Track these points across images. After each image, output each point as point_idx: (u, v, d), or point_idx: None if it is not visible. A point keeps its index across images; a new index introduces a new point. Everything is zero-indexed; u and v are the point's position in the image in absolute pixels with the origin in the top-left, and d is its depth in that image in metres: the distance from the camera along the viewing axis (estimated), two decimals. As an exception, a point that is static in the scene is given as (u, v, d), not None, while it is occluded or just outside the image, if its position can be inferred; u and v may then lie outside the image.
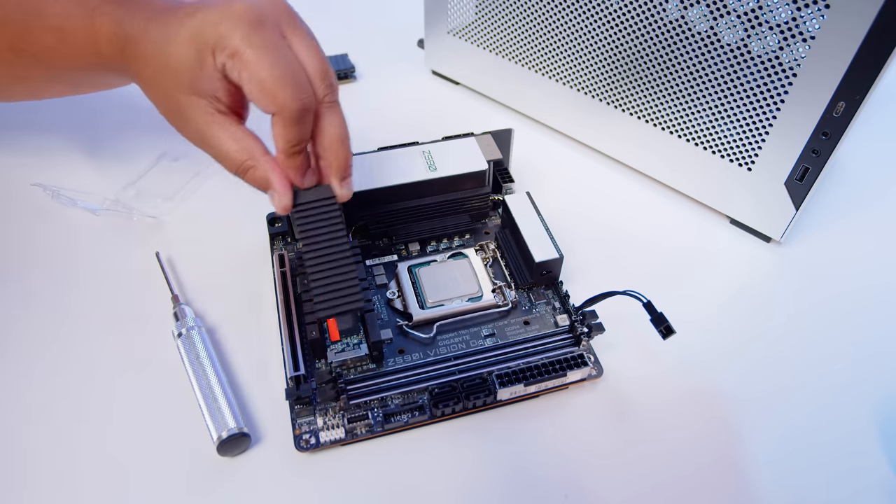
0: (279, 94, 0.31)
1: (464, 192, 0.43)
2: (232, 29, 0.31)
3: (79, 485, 0.32)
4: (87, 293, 0.41)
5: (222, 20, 0.31)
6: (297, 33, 0.33)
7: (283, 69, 0.31)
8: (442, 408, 0.34)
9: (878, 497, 0.33)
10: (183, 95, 0.33)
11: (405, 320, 0.38)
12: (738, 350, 0.39)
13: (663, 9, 0.41)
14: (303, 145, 0.34)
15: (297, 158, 0.34)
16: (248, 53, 0.31)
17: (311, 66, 0.33)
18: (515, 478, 0.33)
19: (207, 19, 0.31)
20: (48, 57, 0.37)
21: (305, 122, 0.32)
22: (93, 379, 0.36)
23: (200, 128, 0.33)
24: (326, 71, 0.33)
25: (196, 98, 0.33)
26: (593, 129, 0.51)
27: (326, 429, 0.34)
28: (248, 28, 0.31)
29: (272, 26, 0.32)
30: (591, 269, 0.43)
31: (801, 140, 0.39)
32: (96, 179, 0.48)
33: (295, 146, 0.33)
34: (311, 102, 0.32)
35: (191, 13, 0.32)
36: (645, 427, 0.35)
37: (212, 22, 0.31)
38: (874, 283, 0.43)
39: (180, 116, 0.34)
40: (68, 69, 0.38)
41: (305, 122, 0.32)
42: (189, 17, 0.32)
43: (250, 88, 0.31)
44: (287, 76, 0.31)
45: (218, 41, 0.31)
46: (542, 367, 0.35)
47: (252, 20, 0.31)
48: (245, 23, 0.31)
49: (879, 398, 0.37)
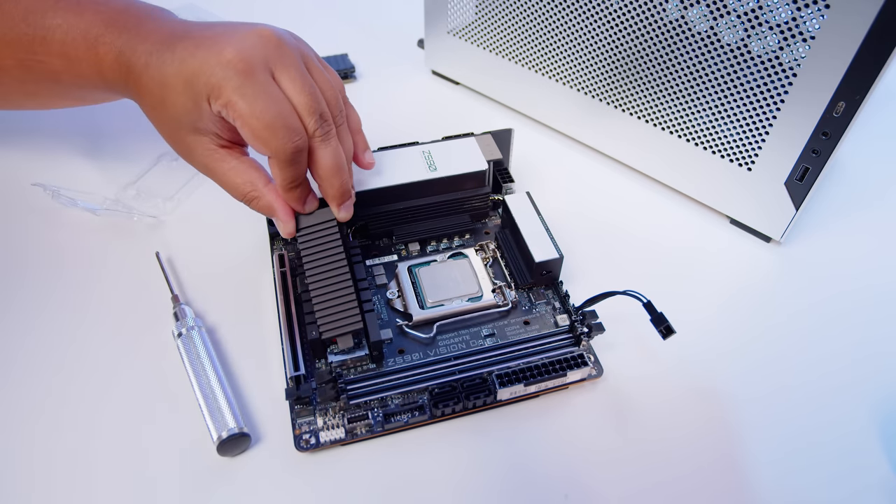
0: (270, 140, 0.32)
1: (464, 192, 0.43)
2: (223, 80, 0.32)
3: (78, 484, 0.32)
4: (87, 293, 0.41)
5: (214, 70, 0.32)
6: (286, 72, 0.34)
7: (273, 116, 0.32)
8: (442, 408, 0.34)
9: (878, 497, 0.33)
10: (185, 133, 0.35)
11: (405, 320, 0.38)
12: (738, 350, 0.39)
13: (663, 9, 0.41)
14: (299, 181, 0.35)
15: (295, 192, 0.36)
16: (240, 104, 0.32)
17: (300, 104, 0.34)
18: (516, 477, 0.33)
19: (200, 68, 0.32)
20: (56, 76, 0.38)
21: (298, 161, 0.34)
22: (93, 378, 0.36)
23: (204, 162, 0.35)
24: (315, 106, 0.34)
25: (198, 136, 0.34)
26: (593, 129, 0.51)
27: (326, 429, 0.34)
28: (239, 78, 0.32)
29: (262, 70, 0.33)
30: (590, 269, 0.43)
31: (801, 140, 0.39)
32: (96, 179, 0.48)
33: (291, 183, 0.35)
34: (301, 144, 0.33)
35: (185, 59, 0.33)
36: (645, 427, 0.35)
37: (205, 72, 0.32)
38: (874, 283, 0.43)
39: (185, 150, 0.36)
40: (75, 87, 0.39)
41: (298, 161, 0.34)
42: (183, 64, 0.33)
43: (244, 133, 0.33)
44: (277, 123, 0.32)
45: (211, 92, 0.32)
46: (543, 367, 0.35)
47: (242, 68, 0.32)
48: (235, 72, 0.32)
49: (879, 398, 0.37)
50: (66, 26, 0.36)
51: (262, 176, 0.36)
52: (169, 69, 0.33)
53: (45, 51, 0.37)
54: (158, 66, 0.34)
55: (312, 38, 0.63)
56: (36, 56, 0.37)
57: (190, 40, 0.33)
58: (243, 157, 0.36)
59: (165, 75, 0.33)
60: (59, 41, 0.36)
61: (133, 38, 0.35)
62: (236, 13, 0.66)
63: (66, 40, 0.36)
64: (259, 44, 0.33)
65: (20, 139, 0.50)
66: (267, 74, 0.33)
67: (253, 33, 0.34)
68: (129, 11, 0.36)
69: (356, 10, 0.68)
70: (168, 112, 0.34)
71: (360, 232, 0.42)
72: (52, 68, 0.37)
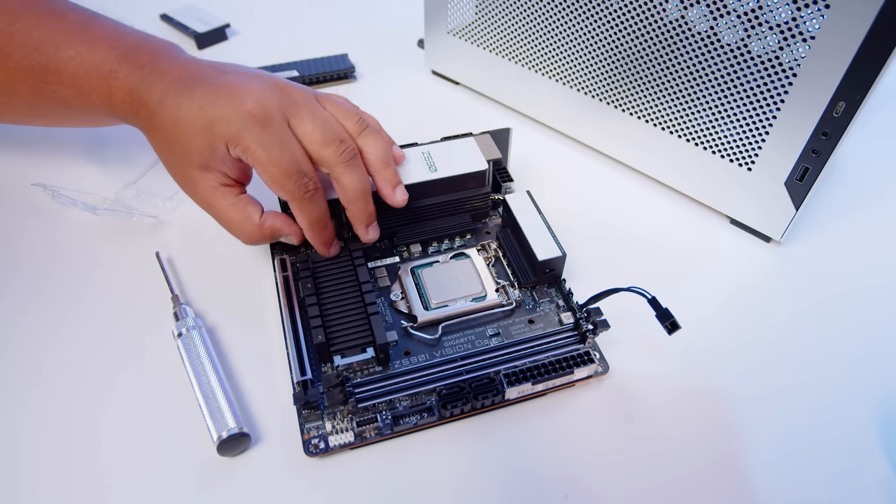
0: (286, 184, 0.35)
1: (464, 193, 0.43)
2: (244, 129, 0.34)
3: (78, 484, 0.32)
4: (87, 293, 0.41)
5: (234, 119, 0.35)
6: (300, 120, 0.36)
7: (288, 163, 0.35)
8: (451, 408, 0.34)
9: (878, 497, 0.33)
10: (192, 169, 0.36)
11: (410, 322, 0.38)
12: (739, 349, 0.39)
13: (663, 9, 0.41)
14: (322, 223, 0.38)
15: (322, 234, 0.38)
16: (259, 152, 0.35)
17: (316, 142, 0.36)
18: (527, 476, 0.33)
19: (222, 116, 0.35)
20: (67, 103, 0.39)
21: (315, 201, 0.37)
22: (93, 378, 0.36)
23: (206, 197, 0.37)
24: (333, 138, 0.36)
25: (205, 173, 0.36)
26: (593, 129, 0.51)
27: (335, 433, 0.33)
28: (258, 128, 0.35)
29: (278, 120, 0.35)
30: (591, 268, 0.43)
31: (801, 140, 0.39)
32: (96, 179, 0.48)
33: (314, 224, 0.37)
34: (313, 187, 0.36)
35: (205, 106, 0.35)
36: (649, 425, 0.35)
37: (225, 119, 0.35)
38: (874, 282, 0.43)
39: (188, 184, 0.37)
40: (84, 114, 0.40)
41: (315, 201, 0.37)
42: (203, 111, 0.35)
43: (263, 178, 0.36)
44: (292, 168, 0.35)
45: (230, 139, 0.35)
46: (549, 365, 0.35)
47: (261, 118, 0.35)
48: (255, 122, 0.35)
49: (879, 398, 0.37)
50: (79, 59, 0.37)
51: (257, 209, 0.38)
52: (186, 112, 0.35)
53: (58, 80, 0.38)
54: (175, 106, 0.35)
55: (312, 38, 0.64)
56: (48, 85, 0.38)
57: (208, 86, 0.36)
58: (241, 194, 0.38)
59: (182, 116, 0.35)
60: (71, 73, 0.38)
61: (148, 76, 0.37)
62: (236, 13, 0.66)
63: (79, 72, 0.38)
64: (274, 94, 0.36)
65: (20, 139, 0.50)
66: (283, 123, 0.36)
67: (267, 84, 0.36)
68: (141, 48, 0.38)
69: (356, 10, 0.68)
70: (181, 149, 0.36)
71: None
72: (63, 96, 0.39)
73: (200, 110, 0.35)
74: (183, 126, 0.35)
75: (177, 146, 0.36)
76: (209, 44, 0.63)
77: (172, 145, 0.36)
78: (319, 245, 0.39)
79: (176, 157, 0.37)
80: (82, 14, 0.39)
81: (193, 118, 0.35)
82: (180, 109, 0.35)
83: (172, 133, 0.36)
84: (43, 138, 0.51)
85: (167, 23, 0.65)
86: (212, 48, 0.63)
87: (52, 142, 0.50)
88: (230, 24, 0.64)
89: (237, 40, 0.64)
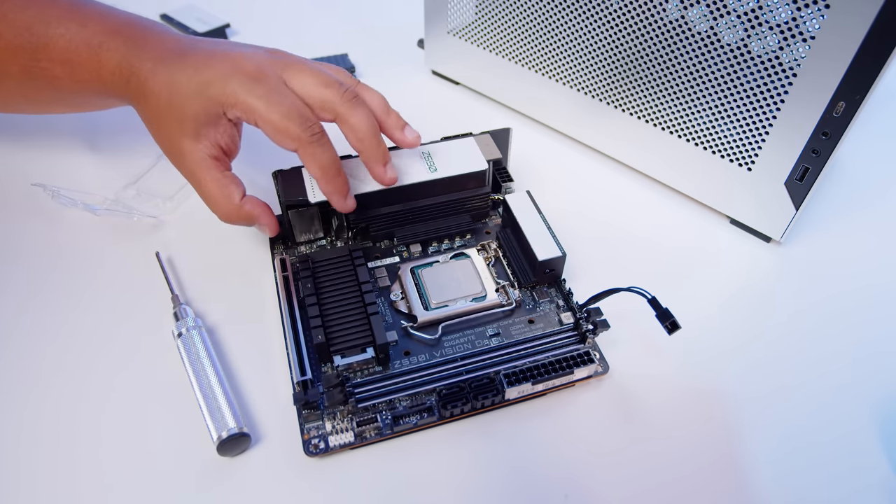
0: (290, 129, 0.35)
1: (464, 193, 0.43)
2: (239, 86, 0.35)
3: (78, 484, 0.32)
4: (87, 293, 0.41)
5: (229, 78, 0.35)
6: (295, 74, 0.36)
7: (288, 107, 0.35)
8: (451, 408, 0.34)
9: (878, 497, 0.33)
10: (184, 139, 0.36)
11: (410, 322, 0.38)
12: (739, 349, 0.39)
13: (663, 9, 0.41)
14: (334, 169, 0.37)
15: (335, 181, 0.37)
16: (257, 105, 0.35)
17: (316, 86, 0.36)
18: (525, 476, 0.33)
19: (216, 77, 0.35)
20: (57, 82, 0.39)
21: (322, 144, 0.36)
22: (92, 378, 0.36)
23: (193, 168, 0.37)
24: (332, 81, 0.36)
25: (195, 142, 0.36)
26: (593, 129, 0.51)
27: (335, 433, 0.33)
28: (252, 82, 0.35)
29: (273, 76, 0.36)
30: (591, 268, 0.43)
31: (801, 140, 0.39)
32: (96, 179, 0.48)
33: (328, 170, 0.37)
34: (318, 129, 0.36)
35: (199, 69, 0.35)
36: (649, 425, 0.35)
37: (220, 79, 0.35)
38: (874, 282, 0.43)
39: (177, 153, 0.37)
40: (74, 94, 0.40)
41: (322, 144, 0.36)
42: (198, 73, 0.35)
43: (266, 131, 0.35)
44: (293, 112, 0.35)
45: (227, 98, 0.35)
46: (549, 365, 0.35)
47: (255, 74, 0.35)
48: (249, 77, 0.35)
49: (879, 398, 0.37)
50: (70, 35, 0.37)
51: (239, 189, 0.38)
52: (180, 75, 0.35)
53: (48, 57, 0.38)
54: (168, 72, 0.35)
55: (312, 38, 0.64)
56: (39, 63, 0.38)
57: (202, 53, 0.36)
58: (227, 171, 0.38)
59: (176, 80, 0.35)
60: (61, 48, 0.38)
61: (137, 47, 0.37)
62: (236, 13, 0.66)
63: (69, 48, 0.37)
64: (267, 56, 0.37)
65: (20, 139, 0.50)
66: (279, 79, 0.36)
67: (262, 50, 0.37)
68: (132, 24, 0.38)
69: (356, 10, 0.68)
70: (173, 115, 0.36)
71: (362, 234, 0.42)
72: (54, 74, 0.38)
73: (195, 72, 0.35)
74: (178, 90, 0.35)
75: (169, 113, 0.36)
76: (209, 44, 0.63)
77: (165, 112, 0.36)
78: (335, 195, 0.38)
79: (167, 124, 0.36)
80: None
81: (188, 80, 0.35)
82: (174, 74, 0.35)
83: (166, 98, 0.35)
84: (43, 138, 0.51)
85: (167, 23, 0.65)
86: (212, 48, 0.63)
87: (53, 142, 0.50)
88: (230, 24, 0.64)
89: (237, 40, 0.64)
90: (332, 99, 0.36)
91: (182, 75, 0.35)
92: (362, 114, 0.37)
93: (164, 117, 0.36)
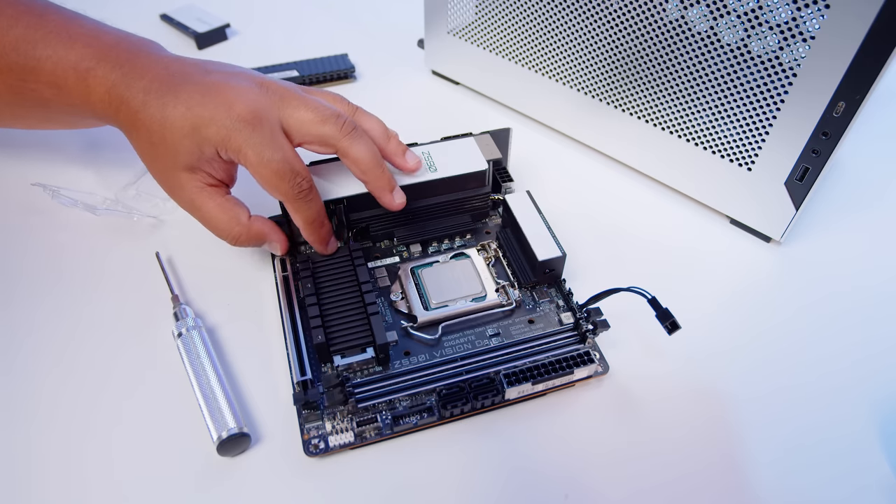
0: (280, 184, 0.35)
1: (464, 193, 0.43)
2: (234, 132, 0.34)
3: (78, 484, 0.32)
4: (86, 293, 0.41)
5: (224, 122, 0.34)
6: (292, 111, 0.36)
7: (279, 163, 0.35)
8: (451, 409, 0.34)
9: (877, 497, 0.33)
10: (178, 170, 0.36)
11: (410, 322, 0.38)
12: (738, 349, 0.39)
13: (663, 9, 0.41)
14: (318, 221, 0.38)
15: (319, 232, 0.38)
16: (250, 154, 0.35)
17: (314, 123, 0.36)
18: (525, 476, 0.33)
19: (212, 118, 0.34)
20: (46, 103, 0.39)
21: (309, 200, 0.37)
22: (92, 378, 0.36)
23: (193, 198, 0.37)
24: (329, 115, 0.36)
25: (191, 174, 0.36)
26: (593, 129, 0.51)
27: (335, 433, 0.33)
28: (248, 130, 0.34)
29: (268, 120, 0.35)
30: (591, 268, 0.43)
31: (801, 140, 0.39)
32: (96, 179, 0.48)
33: (310, 223, 0.37)
34: (306, 185, 0.36)
35: (192, 106, 0.35)
36: (648, 425, 0.35)
37: (214, 122, 0.34)
38: (874, 282, 0.43)
39: (174, 186, 0.37)
40: (65, 114, 0.40)
41: (309, 200, 0.37)
42: (191, 111, 0.34)
43: (257, 179, 0.36)
44: (283, 168, 0.35)
45: (220, 141, 0.35)
46: (549, 365, 0.35)
47: (250, 120, 0.35)
48: (244, 124, 0.34)
49: (879, 398, 0.37)
50: (56, 58, 0.37)
51: (244, 211, 0.38)
52: (172, 112, 0.35)
53: (35, 79, 0.37)
54: (160, 106, 0.35)
55: (312, 38, 0.64)
56: (27, 83, 0.38)
57: (194, 86, 0.35)
58: (228, 195, 0.38)
59: (169, 117, 0.35)
60: (48, 71, 0.37)
61: (127, 75, 0.36)
62: (236, 13, 0.66)
63: (56, 71, 0.37)
64: (261, 94, 0.36)
65: (20, 139, 0.50)
66: (274, 123, 0.35)
67: (254, 84, 0.36)
68: (120, 46, 0.37)
69: (356, 10, 0.68)
70: (167, 150, 0.35)
71: (361, 234, 0.42)
72: (43, 96, 0.38)
73: (188, 110, 0.34)
74: (170, 127, 0.35)
75: (163, 147, 0.35)
76: (209, 44, 0.63)
77: (158, 146, 0.36)
78: (316, 243, 0.39)
79: (161, 158, 0.36)
80: (62, 14, 0.38)
81: (181, 119, 0.34)
82: (166, 109, 0.35)
83: (158, 134, 0.35)
84: (43, 139, 0.51)
85: (167, 23, 0.65)
86: (212, 48, 0.63)
87: (52, 142, 0.50)
88: (230, 24, 0.64)
89: (237, 40, 0.64)
90: (332, 134, 0.36)
91: (174, 112, 0.35)
92: (363, 146, 0.37)
93: (158, 152, 0.36)
